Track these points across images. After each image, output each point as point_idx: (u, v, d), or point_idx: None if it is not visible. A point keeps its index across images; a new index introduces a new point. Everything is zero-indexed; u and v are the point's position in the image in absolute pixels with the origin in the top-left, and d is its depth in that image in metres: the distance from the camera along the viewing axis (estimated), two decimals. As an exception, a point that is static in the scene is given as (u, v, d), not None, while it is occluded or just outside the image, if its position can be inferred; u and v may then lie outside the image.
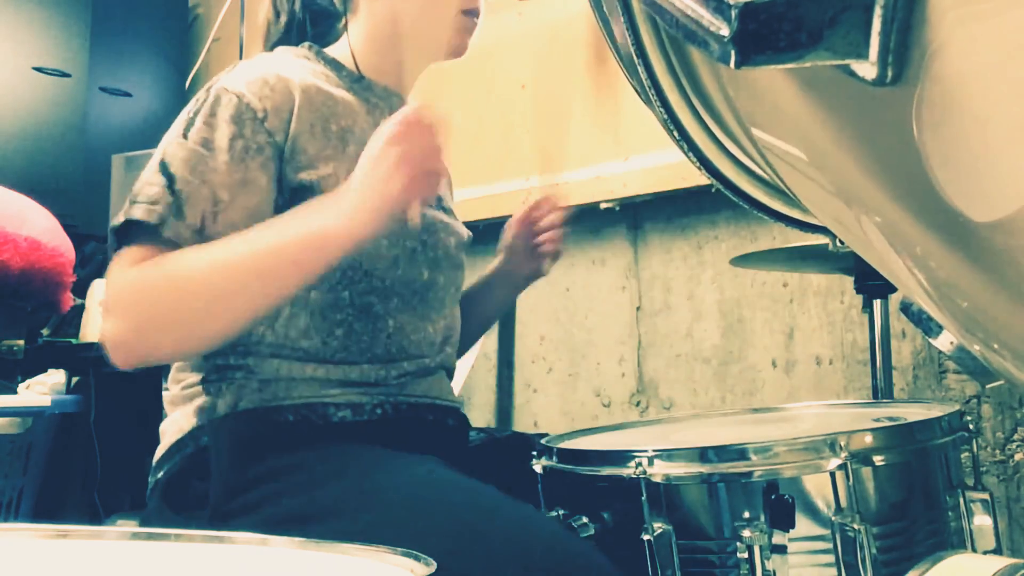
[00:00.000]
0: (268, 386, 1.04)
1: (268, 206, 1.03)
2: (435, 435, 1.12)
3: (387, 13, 1.17)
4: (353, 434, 1.04)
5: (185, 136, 1.01)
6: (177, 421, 1.08)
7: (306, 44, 1.19)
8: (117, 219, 0.99)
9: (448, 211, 1.25)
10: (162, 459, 1.08)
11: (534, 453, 0.98)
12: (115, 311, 0.96)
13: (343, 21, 1.21)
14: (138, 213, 0.97)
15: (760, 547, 0.81)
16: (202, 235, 0.98)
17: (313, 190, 1.04)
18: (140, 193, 0.99)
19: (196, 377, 1.07)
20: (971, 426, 0.94)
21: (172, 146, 1.01)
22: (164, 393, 1.11)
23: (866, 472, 0.84)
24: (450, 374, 1.21)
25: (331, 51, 1.20)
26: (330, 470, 0.96)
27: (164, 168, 0.99)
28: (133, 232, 0.99)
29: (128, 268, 0.96)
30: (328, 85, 1.12)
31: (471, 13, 1.18)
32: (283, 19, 1.24)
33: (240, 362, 1.05)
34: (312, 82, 1.10)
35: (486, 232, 2.39)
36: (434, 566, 0.45)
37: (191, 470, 1.03)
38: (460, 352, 1.47)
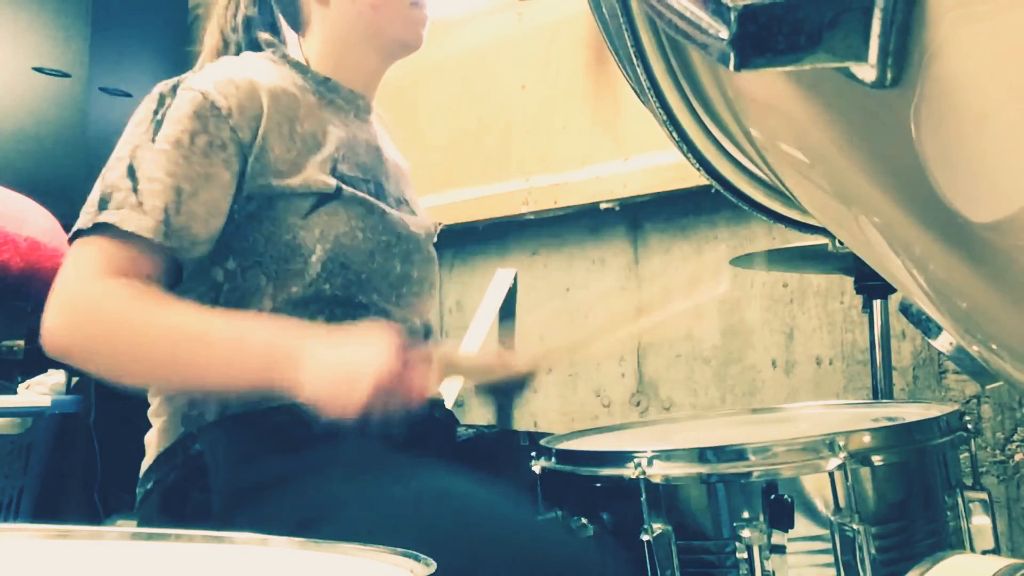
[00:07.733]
0: None
1: (227, 201, 1.05)
2: (423, 426, 1.12)
3: (341, 18, 1.20)
4: (345, 428, 1.04)
5: (150, 135, 1.03)
6: (164, 431, 1.08)
7: (271, 48, 1.21)
8: (85, 222, 1.01)
9: (411, 210, 1.27)
10: (150, 469, 1.08)
11: (533, 454, 0.98)
12: (66, 313, 0.99)
13: (302, 31, 1.24)
14: (106, 217, 0.99)
15: (759, 547, 0.81)
16: (168, 226, 1.00)
17: (282, 197, 1.07)
18: (107, 196, 1.01)
19: None
20: (970, 426, 0.94)
21: (137, 148, 1.03)
22: (150, 409, 1.12)
23: (865, 472, 0.84)
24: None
25: (294, 54, 1.22)
26: (328, 476, 0.96)
27: (130, 170, 1.02)
28: (100, 227, 1.01)
29: (97, 272, 0.99)
30: (294, 88, 1.14)
31: (418, 4, 1.20)
32: (231, 50, 1.24)
33: None
34: (279, 84, 1.12)
35: (486, 232, 2.40)
36: (434, 566, 0.45)
37: (189, 480, 1.03)
38: None
